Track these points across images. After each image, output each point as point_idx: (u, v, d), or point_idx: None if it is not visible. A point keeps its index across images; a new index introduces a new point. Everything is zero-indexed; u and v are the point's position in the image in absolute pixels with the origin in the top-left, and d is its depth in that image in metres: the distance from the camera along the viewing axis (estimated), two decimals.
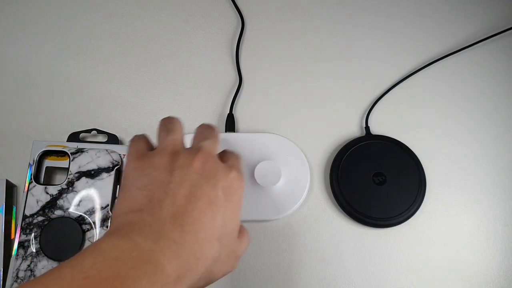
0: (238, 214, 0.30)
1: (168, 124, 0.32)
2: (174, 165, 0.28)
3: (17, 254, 0.39)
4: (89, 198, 0.40)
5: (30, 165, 0.42)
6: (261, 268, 0.42)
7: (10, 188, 0.42)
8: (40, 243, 0.39)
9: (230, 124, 0.46)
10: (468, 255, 0.43)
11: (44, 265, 0.38)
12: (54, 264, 0.39)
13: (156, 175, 0.28)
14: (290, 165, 0.44)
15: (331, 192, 0.44)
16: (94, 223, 0.40)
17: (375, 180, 0.43)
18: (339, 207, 0.44)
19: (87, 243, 0.39)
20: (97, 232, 0.40)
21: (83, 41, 0.51)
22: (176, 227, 0.26)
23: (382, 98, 0.48)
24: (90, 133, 0.45)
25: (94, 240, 0.39)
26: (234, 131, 0.46)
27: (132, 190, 0.28)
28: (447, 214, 0.44)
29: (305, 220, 0.43)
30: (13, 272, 0.38)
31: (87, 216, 0.40)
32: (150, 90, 0.48)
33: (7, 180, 0.41)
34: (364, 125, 0.47)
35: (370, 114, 0.47)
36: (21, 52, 0.50)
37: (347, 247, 0.43)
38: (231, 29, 0.52)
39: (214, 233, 0.28)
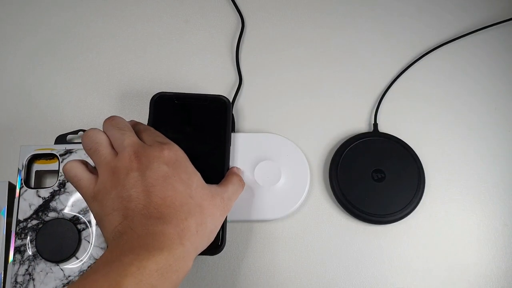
0: (192, 170, 0.35)
1: (87, 146, 0.35)
2: (120, 179, 0.32)
3: (14, 260, 0.39)
4: (82, 197, 0.40)
5: (19, 171, 0.41)
6: (262, 267, 0.42)
7: (13, 191, 0.42)
8: (36, 246, 0.39)
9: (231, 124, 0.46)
10: (467, 255, 0.43)
11: (42, 267, 0.38)
12: (52, 266, 0.39)
13: (113, 196, 0.32)
14: (290, 165, 0.44)
15: (331, 189, 0.44)
16: (89, 221, 0.40)
17: (374, 177, 0.44)
18: (338, 203, 0.44)
19: (83, 242, 0.40)
20: (93, 231, 0.40)
21: (84, 41, 0.51)
22: (154, 213, 0.31)
23: (387, 95, 0.48)
24: (77, 134, 0.45)
25: (90, 239, 0.40)
26: (234, 131, 0.46)
27: (105, 217, 0.32)
28: (446, 213, 0.44)
29: (305, 219, 0.44)
30: (11, 278, 0.38)
31: (81, 216, 0.40)
32: (150, 90, 0.48)
33: (9, 183, 0.41)
34: (373, 122, 0.47)
35: (378, 112, 0.47)
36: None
37: (347, 245, 0.43)
38: (231, 29, 0.52)
39: (183, 196, 0.33)
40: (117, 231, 0.30)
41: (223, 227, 0.39)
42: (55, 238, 0.39)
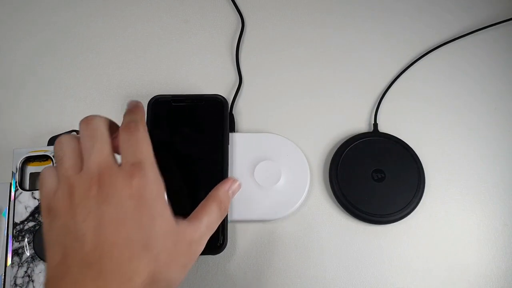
0: (160, 210, 0.29)
1: (57, 151, 0.31)
2: (74, 204, 0.28)
3: (12, 262, 0.39)
4: None
5: (13, 174, 0.41)
6: (262, 267, 0.42)
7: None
8: (34, 248, 0.39)
9: (230, 124, 0.46)
10: (467, 255, 0.43)
11: (41, 269, 0.38)
12: None
13: (61, 224, 0.28)
14: (290, 165, 0.44)
15: (330, 188, 0.44)
16: None
17: (374, 177, 0.44)
18: (338, 203, 0.44)
19: None
20: None
21: (84, 41, 0.51)
22: (96, 263, 0.26)
23: (387, 95, 0.48)
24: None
25: None
26: (234, 131, 0.46)
27: (49, 247, 0.28)
28: (446, 213, 0.44)
29: (305, 219, 0.43)
30: (10, 281, 0.38)
31: None
32: (150, 90, 0.48)
33: (11, 184, 0.41)
34: (373, 122, 0.47)
35: (378, 112, 0.47)
36: None
37: (347, 245, 0.43)
38: (231, 29, 0.52)
39: (135, 247, 0.27)
40: (53, 274, 0.27)
41: (224, 226, 0.39)
42: None
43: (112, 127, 0.33)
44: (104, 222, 0.27)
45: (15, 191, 0.41)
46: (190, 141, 0.42)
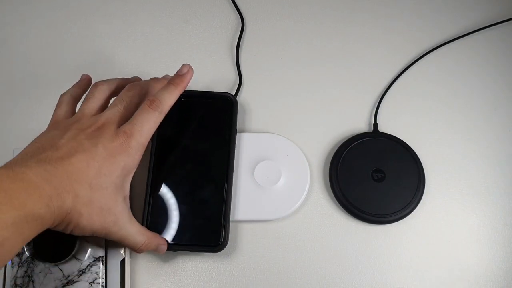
0: (116, 176, 0.34)
1: (90, 92, 0.39)
2: (71, 127, 0.35)
3: (12, 262, 0.39)
4: None
5: None
6: (261, 267, 0.42)
7: None
8: (34, 248, 0.39)
9: None
10: (467, 255, 0.43)
11: (41, 269, 0.38)
12: (51, 267, 0.38)
13: (53, 133, 0.35)
14: (290, 165, 0.44)
15: (330, 188, 0.44)
16: None
17: (374, 177, 0.44)
18: (338, 203, 0.44)
19: (81, 242, 0.39)
20: None
21: (84, 41, 0.51)
22: (51, 163, 0.31)
23: (387, 95, 0.48)
24: None
25: (88, 238, 0.40)
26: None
27: (32, 144, 0.34)
28: (446, 213, 0.44)
29: (305, 219, 0.43)
30: (10, 280, 0.38)
31: None
32: None
33: None
34: (373, 122, 0.47)
35: (378, 112, 0.47)
36: None
37: (347, 245, 0.43)
38: (231, 29, 0.52)
39: (86, 179, 0.32)
40: (21, 155, 0.33)
41: (226, 225, 0.39)
42: (52, 239, 0.39)
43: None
44: (79, 149, 0.33)
45: None
46: (197, 137, 0.42)
